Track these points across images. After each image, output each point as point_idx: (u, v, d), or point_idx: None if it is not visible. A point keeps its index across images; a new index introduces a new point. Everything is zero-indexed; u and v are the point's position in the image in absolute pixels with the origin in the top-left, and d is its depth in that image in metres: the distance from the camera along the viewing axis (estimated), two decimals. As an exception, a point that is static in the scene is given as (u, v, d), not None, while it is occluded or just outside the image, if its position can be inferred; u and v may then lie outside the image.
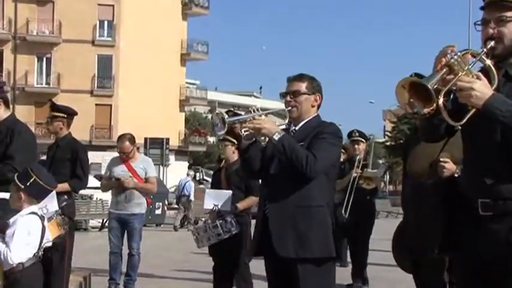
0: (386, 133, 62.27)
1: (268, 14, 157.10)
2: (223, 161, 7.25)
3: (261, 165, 4.16)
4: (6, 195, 4.64)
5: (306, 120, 4.19)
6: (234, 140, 6.74)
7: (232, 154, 6.89)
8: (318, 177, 3.98)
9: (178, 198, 22.22)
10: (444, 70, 2.84)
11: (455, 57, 2.85)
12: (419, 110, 2.84)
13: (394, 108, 58.28)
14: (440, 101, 2.78)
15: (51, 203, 5.35)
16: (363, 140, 8.52)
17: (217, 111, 4.34)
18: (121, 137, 8.07)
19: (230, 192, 6.68)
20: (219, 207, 6.66)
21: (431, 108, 2.79)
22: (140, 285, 8.41)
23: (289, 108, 4.17)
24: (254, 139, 4.13)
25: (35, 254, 4.37)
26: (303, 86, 4.18)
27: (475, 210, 2.96)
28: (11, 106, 5.46)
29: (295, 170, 3.93)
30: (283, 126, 4.20)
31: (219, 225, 6.59)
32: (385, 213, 31.27)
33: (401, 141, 51.99)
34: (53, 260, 5.39)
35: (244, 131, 4.07)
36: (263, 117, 4.03)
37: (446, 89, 2.81)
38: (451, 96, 2.91)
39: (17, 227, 4.32)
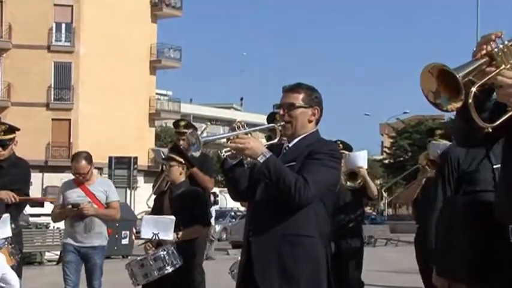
0: (384, 149, 62.61)
1: (250, 15, 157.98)
2: (168, 183, 7.10)
3: (248, 185, 4.15)
4: None
5: (301, 137, 4.17)
6: (181, 160, 6.75)
7: (179, 176, 6.78)
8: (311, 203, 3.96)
9: None
10: (483, 60, 2.72)
11: (501, 46, 2.72)
12: (442, 103, 2.73)
13: (393, 121, 58.76)
14: (471, 95, 2.65)
15: (3, 229, 5.31)
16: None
17: (190, 130, 4.35)
18: (76, 156, 7.81)
19: (172, 218, 6.48)
20: (159, 236, 6.46)
21: (458, 104, 2.67)
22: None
23: (282, 123, 4.15)
24: (240, 158, 4.11)
25: None
26: (298, 98, 4.15)
27: (507, 238, 2.91)
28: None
29: (284, 196, 3.91)
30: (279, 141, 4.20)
31: (161, 256, 6.30)
32: (383, 240, 31.34)
33: (402, 158, 52.37)
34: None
35: (225, 151, 4.07)
36: (248, 135, 4.00)
37: (481, 82, 2.68)
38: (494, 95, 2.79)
39: None
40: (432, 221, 4.97)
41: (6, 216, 5.57)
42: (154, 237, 6.45)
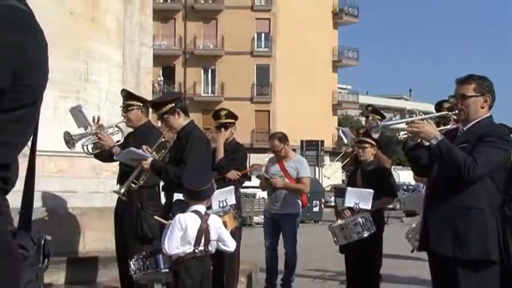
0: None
1: (416, 18, 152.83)
2: (359, 162, 6.89)
3: (427, 163, 4.06)
4: (181, 196, 4.80)
5: (474, 122, 4.01)
6: (373, 142, 6.59)
7: (370, 155, 6.64)
8: (481, 180, 3.82)
9: None
10: None
11: None
12: None
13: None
14: None
15: (230, 197, 5.58)
16: None
17: (371, 116, 4.32)
18: (271, 136, 7.69)
19: (372, 191, 6.31)
20: (359, 205, 6.33)
21: None
22: (299, 283, 8.13)
23: (456, 111, 4.02)
24: (418, 140, 4.04)
25: (195, 249, 4.42)
26: (470, 89, 3.98)
27: None
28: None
29: (454, 174, 3.80)
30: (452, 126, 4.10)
31: (360, 222, 6.18)
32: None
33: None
34: (231, 253, 5.48)
35: (402, 134, 4.03)
36: (424, 121, 3.94)
37: None
38: None
39: (173, 223, 4.43)
40: None
41: (232, 187, 5.81)
42: (355, 206, 6.36)
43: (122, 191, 5.29)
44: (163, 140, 5.28)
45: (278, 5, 44.18)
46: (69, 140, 5.50)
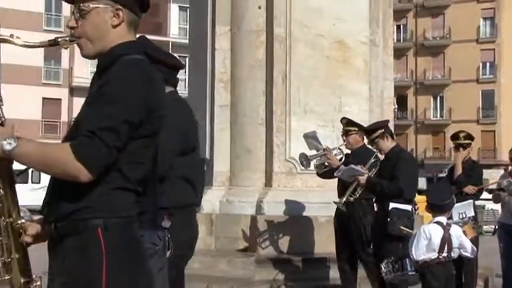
0: None
1: None
2: None
3: None
4: (398, 206, 4.77)
5: None
6: None
7: None
8: None
9: None
10: None
11: None
12: None
13: None
14: None
15: (469, 209, 5.32)
16: None
17: None
18: None
19: None
20: None
21: None
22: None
23: None
24: None
25: (439, 255, 4.26)
26: None
27: None
28: (415, 137, 5.38)
29: None
30: None
31: None
32: None
33: None
34: (470, 259, 5.12)
35: None
36: None
37: None
38: None
39: (418, 233, 4.32)
40: None
41: (470, 201, 5.53)
42: None
43: (343, 201, 5.34)
44: (373, 160, 5.28)
45: (503, 37, 41.14)
46: (302, 161, 5.60)
